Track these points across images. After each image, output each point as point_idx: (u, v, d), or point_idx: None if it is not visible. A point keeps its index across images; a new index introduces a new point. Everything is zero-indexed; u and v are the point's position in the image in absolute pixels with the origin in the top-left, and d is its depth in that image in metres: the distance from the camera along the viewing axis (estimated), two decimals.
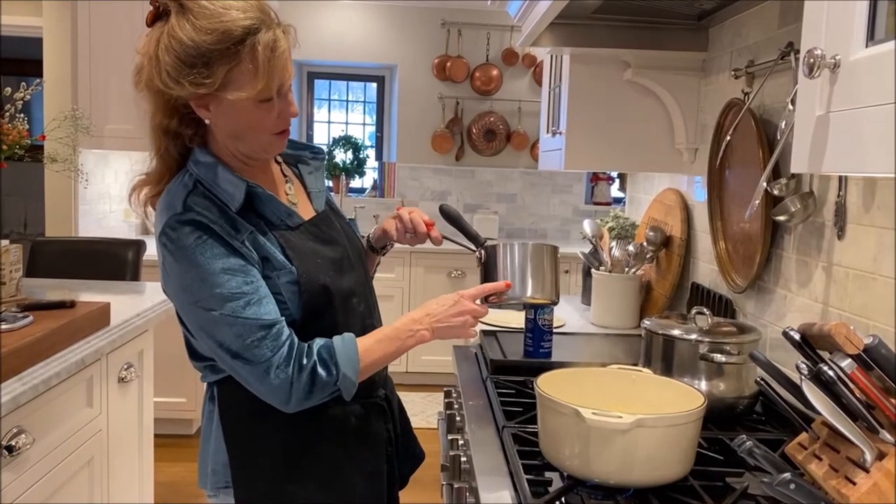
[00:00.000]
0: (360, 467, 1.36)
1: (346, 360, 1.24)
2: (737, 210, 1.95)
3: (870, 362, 0.97)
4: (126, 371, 2.21)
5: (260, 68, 1.17)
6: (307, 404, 1.24)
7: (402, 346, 1.30)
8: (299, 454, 1.31)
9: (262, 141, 1.26)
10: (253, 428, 1.30)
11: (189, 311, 1.23)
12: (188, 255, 1.19)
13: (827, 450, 1.04)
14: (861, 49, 0.80)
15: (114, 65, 3.91)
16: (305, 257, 1.28)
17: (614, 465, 1.15)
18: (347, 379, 1.23)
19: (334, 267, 1.32)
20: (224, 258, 1.19)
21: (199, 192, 1.23)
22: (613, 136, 2.42)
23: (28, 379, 1.62)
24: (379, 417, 1.41)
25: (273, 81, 1.19)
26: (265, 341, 1.19)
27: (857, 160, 0.80)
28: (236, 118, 1.22)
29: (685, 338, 1.55)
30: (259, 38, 1.17)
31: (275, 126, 1.25)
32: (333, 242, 1.36)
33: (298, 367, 1.21)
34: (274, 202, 1.28)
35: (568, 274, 4.75)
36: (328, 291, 1.29)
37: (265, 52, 1.17)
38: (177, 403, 3.93)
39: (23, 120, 2.15)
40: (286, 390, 1.20)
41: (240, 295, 1.19)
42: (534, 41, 2.19)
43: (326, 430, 1.32)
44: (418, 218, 1.51)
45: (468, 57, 5.39)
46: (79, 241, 3.50)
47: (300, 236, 1.30)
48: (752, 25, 1.95)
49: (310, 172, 1.44)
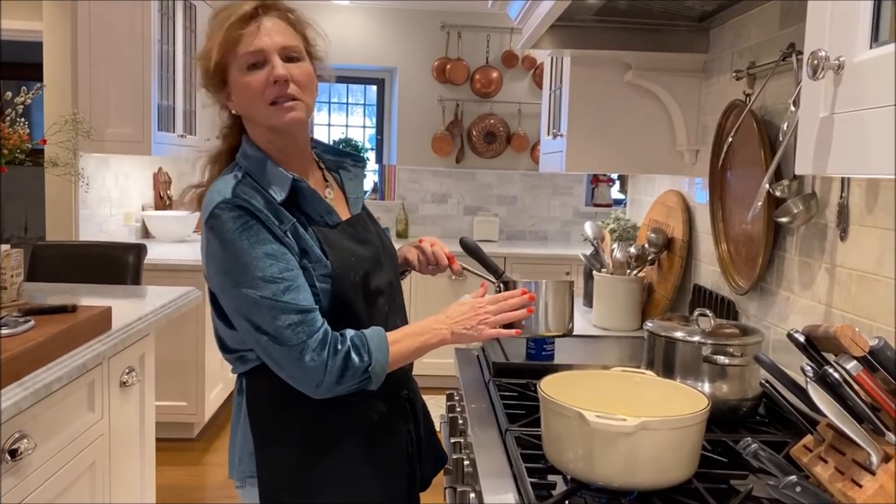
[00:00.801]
0: (380, 465, 1.39)
1: (377, 347, 1.28)
2: (738, 212, 1.95)
3: (875, 364, 0.96)
4: (127, 375, 2.20)
5: (219, 33, 1.29)
6: (337, 390, 1.27)
7: (424, 343, 1.34)
8: (321, 447, 1.35)
9: (260, 113, 1.32)
10: (277, 418, 1.35)
11: (229, 293, 1.28)
12: (233, 239, 1.26)
13: (832, 452, 1.04)
14: (865, 50, 0.80)
15: (114, 68, 3.91)
16: (340, 253, 1.34)
17: (618, 468, 1.15)
18: (378, 364, 1.28)
19: (366, 265, 1.38)
20: (267, 244, 1.26)
21: (248, 182, 1.31)
22: (614, 138, 2.42)
23: (30, 384, 1.62)
24: (401, 417, 1.45)
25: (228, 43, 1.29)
26: (301, 326, 1.24)
27: (861, 162, 0.79)
28: (240, 96, 1.33)
29: (688, 340, 1.55)
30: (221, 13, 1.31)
31: (267, 94, 1.30)
32: (367, 242, 1.42)
33: (333, 352, 1.25)
34: (316, 198, 1.36)
35: (569, 276, 4.75)
36: (357, 287, 1.35)
37: (224, 15, 1.30)
38: (178, 407, 3.93)
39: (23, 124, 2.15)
40: (320, 373, 1.24)
41: (279, 280, 1.24)
42: (534, 43, 2.19)
43: (349, 424, 1.36)
44: (440, 251, 1.59)
45: (468, 59, 5.39)
46: (79, 245, 3.50)
47: (337, 234, 1.37)
48: (752, 27, 1.95)
49: (350, 179, 1.51)
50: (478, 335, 1.37)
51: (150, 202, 4.86)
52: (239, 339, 1.34)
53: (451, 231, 5.55)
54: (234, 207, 1.26)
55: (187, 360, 3.92)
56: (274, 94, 1.30)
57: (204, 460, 3.80)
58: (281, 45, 1.30)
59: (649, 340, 1.65)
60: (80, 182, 3.42)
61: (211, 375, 4.07)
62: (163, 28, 4.08)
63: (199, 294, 2.72)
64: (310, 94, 1.36)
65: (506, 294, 1.44)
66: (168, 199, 5.03)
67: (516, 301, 1.41)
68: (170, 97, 4.22)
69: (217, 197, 1.29)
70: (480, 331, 1.37)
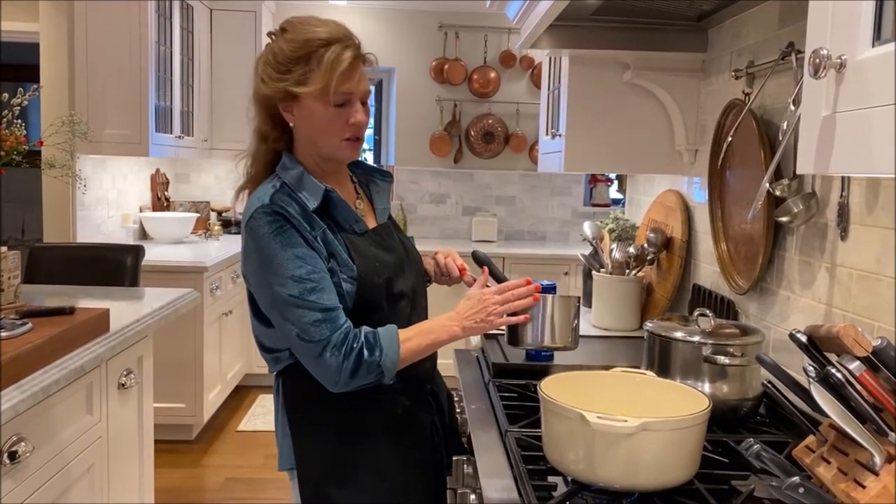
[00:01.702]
0: (407, 453, 1.50)
1: (388, 344, 1.38)
2: (738, 211, 1.95)
3: (878, 364, 0.96)
4: (126, 377, 2.19)
5: (324, 70, 1.38)
6: (353, 384, 1.37)
7: (435, 339, 1.43)
8: (352, 440, 1.46)
9: (332, 144, 1.45)
10: (311, 414, 1.47)
11: (264, 290, 1.40)
12: (269, 241, 1.37)
13: (835, 453, 1.04)
14: (867, 49, 0.79)
15: (111, 69, 3.90)
16: (365, 259, 1.44)
17: (619, 469, 1.14)
18: (389, 359, 1.36)
19: (389, 270, 1.48)
20: (298, 247, 1.37)
21: (285, 191, 1.43)
22: (613, 138, 2.41)
23: (27, 386, 1.61)
24: (424, 409, 1.55)
25: (333, 83, 1.38)
26: (324, 324, 1.35)
27: (864, 161, 0.79)
28: (311, 121, 1.43)
29: (688, 340, 1.54)
30: (331, 49, 1.39)
31: (344, 131, 1.43)
32: (391, 250, 1.53)
33: (349, 349, 1.35)
34: (345, 208, 1.47)
35: (568, 276, 4.75)
36: (381, 290, 1.45)
37: (331, 57, 1.39)
38: (177, 409, 3.92)
39: (20, 126, 2.14)
40: (336, 370, 1.35)
41: (306, 280, 1.36)
42: (533, 43, 2.19)
43: (377, 418, 1.47)
44: (452, 263, 1.65)
45: (466, 59, 5.39)
46: (77, 246, 3.49)
47: (364, 241, 1.48)
48: (751, 26, 1.95)
49: (377, 192, 1.63)
50: (488, 325, 1.46)
51: (147, 203, 4.85)
52: (274, 338, 1.45)
53: (450, 231, 5.55)
54: (271, 213, 1.38)
55: (186, 362, 3.91)
56: (350, 133, 1.44)
57: (202, 462, 3.79)
58: (365, 90, 1.46)
59: (649, 341, 1.64)
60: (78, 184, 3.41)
61: (209, 377, 4.06)
62: (160, 29, 4.07)
63: (198, 296, 2.71)
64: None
65: (510, 283, 1.51)
66: (166, 200, 5.02)
67: (522, 290, 1.49)
68: (167, 98, 4.21)
69: (257, 203, 1.41)
70: (490, 321, 1.45)
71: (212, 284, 4.02)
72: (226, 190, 5.41)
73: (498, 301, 1.47)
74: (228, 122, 4.95)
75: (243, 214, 1.44)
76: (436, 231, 5.50)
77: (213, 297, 4.05)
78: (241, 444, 4.01)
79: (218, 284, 4.13)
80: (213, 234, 4.94)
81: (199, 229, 4.94)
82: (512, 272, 4.83)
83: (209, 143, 4.94)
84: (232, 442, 4.05)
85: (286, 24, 1.47)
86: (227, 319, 4.34)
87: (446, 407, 1.65)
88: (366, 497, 1.45)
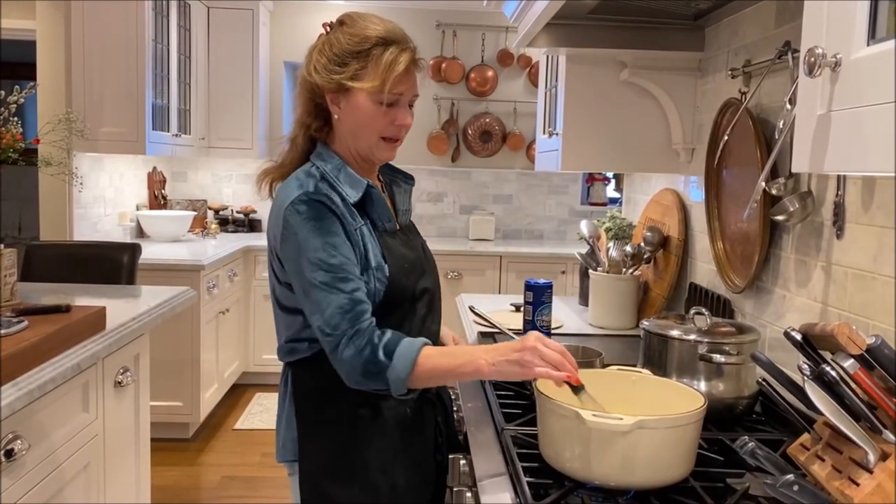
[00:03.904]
0: (411, 453, 1.48)
1: (401, 355, 1.32)
2: (734, 210, 1.95)
3: (872, 362, 0.96)
4: (122, 375, 2.19)
5: (381, 69, 1.39)
6: (365, 385, 1.35)
7: (458, 367, 1.34)
8: (358, 438, 1.44)
9: (372, 141, 1.46)
10: (320, 410, 1.46)
11: (298, 273, 1.38)
12: (310, 227, 1.37)
13: (829, 451, 1.04)
14: (862, 48, 0.79)
15: (108, 67, 3.90)
16: (397, 259, 1.46)
17: (615, 467, 1.15)
18: (395, 372, 1.31)
19: (413, 270, 1.50)
20: (335, 237, 1.37)
21: (327, 182, 1.43)
22: (610, 137, 2.42)
23: (23, 384, 1.61)
24: (431, 410, 1.54)
25: (388, 83, 1.39)
26: (347, 315, 1.33)
27: (859, 159, 0.79)
28: (357, 115, 1.44)
29: (684, 338, 1.54)
30: (388, 49, 1.41)
31: (386, 130, 1.45)
32: (414, 249, 1.55)
33: (363, 346, 1.33)
34: (383, 205, 1.49)
35: (565, 275, 4.75)
36: (407, 290, 1.46)
37: (388, 58, 1.40)
38: (174, 407, 3.92)
39: (16, 123, 2.14)
40: (351, 364, 1.33)
41: (338, 269, 1.35)
42: (530, 42, 2.19)
43: (384, 417, 1.45)
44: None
45: (463, 58, 5.38)
46: (74, 244, 3.48)
47: (395, 241, 1.49)
48: (748, 25, 1.95)
49: (400, 193, 1.64)
50: (521, 371, 1.28)
51: (144, 202, 4.85)
52: (294, 328, 1.45)
53: (447, 230, 5.55)
54: (314, 201, 1.38)
55: (183, 360, 3.91)
56: (391, 134, 1.47)
57: (199, 460, 3.79)
58: (415, 94, 1.48)
59: (645, 339, 1.65)
60: (74, 182, 3.41)
61: (206, 376, 4.06)
62: (157, 27, 4.07)
63: (194, 294, 2.71)
64: None
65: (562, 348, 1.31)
66: (163, 198, 5.01)
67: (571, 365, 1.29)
68: (164, 96, 4.21)
69: (298, 190, 1.40)
70: (527, 363, 1.27)
71: (209, 283, 4.02)
72: (223, 188, 5.40)
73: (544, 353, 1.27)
74: (226, 120, 4.95)
75: (279, 198, 1.43)
76: (433, 230, 5.50)
77: (210, 295, 4.05)
78: (238, 443, 4.01)
79: (215, 283, 4.12)
80: (211, 233, 4.94)
81: (197, 228, 4.94)
82: (509, 271, 4.83)
83: (206, 142, 4.93)
84: (229, 440, 4.05)
85: (345, 18, 1.47)
86: (224, 318, 4.33)
87: (450, 408, 1.65)
88: (366, 496, 1.44)
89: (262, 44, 5.02)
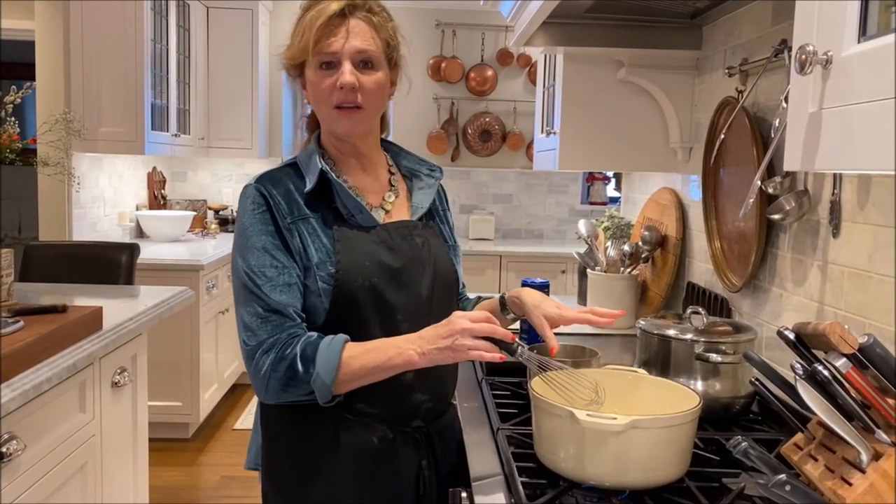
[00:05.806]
0: (378, 492, 1.33)
1: (323, 361, 1.21)
2: (731, 209, 1.94)
3: (865, 362, 0.96)
4: (119, 375, 2.19)
5: (303, 28, 1.29)
6: (283, 398, 1.25)
7: (387, 361, 1.22)
8: (319, 458, 1.32)
9: (327, 113, 1.33)
10: (282, 423, 1.34)
11: (232, 261, 1.33)
12: (244, 219, 1.31)
13: (823, 450, 1.03)
14: (853, 45, 0.79)
15: (107, 67, 3.90)
16: (352, 255, 1.30)
17: (609, 466, 1.14)
18: (319, 379, 1.21)
19: (386, 275, 1.31)
20: (266, 235, 1.28)
21: (285, 170, 1.35)
22: (608, 136, 2.41)
23: (19, 385, 1.61)
24: (409, 448, 1.36)
25: (311, 40, 1.26)
26: (267, 323, 1.24)
27: (850, 157, 0.79)
28: (309, 91, 1.34)
29: (681, 338, 1.54)
30: (313, 8, 1.29)
31: (333, 96, 1.29)
32: (398, 252, 1.34)
33: (279, 358, 1.23)
34: (346, 195, 1.33)
35: (565, 274, 4.75)
36: (366, 293, 1.29)
37: (310, 14, 1.29)
38: (172, 407, 3.92)
39: (13, 123, 2.14)
40: (265, 378, 1.24)
41: (261, 273, 1.26)
42: (526, 41, 2.18)
43: (349, 442, 1.32)
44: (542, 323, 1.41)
45: (463, 57, 5.38)
46: (72, 244, 3.48)
47: (361, 236, 1.32)
48: (745, 23, 1.95)
49: (420, 188, 1.47)
50: (453, 354, 1.19)
51: (144, 202, 4.85)
52: None
53: None
54: (254, 190, 1.31)
55: (182, 360, 3.91)
56: (339, 99, 1.29)
57: (198, 461, 3.79)
58: (356, 48, 1.28)
59: (642, 338, 1.64)
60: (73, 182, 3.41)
61: (205, 376, 4.06)
62: (156, 27, 4.07)
63: (193, 294, 2.71)
64: (377, 104, 1.34)
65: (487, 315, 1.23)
66: (162, 198, 5.01)
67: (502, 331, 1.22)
68: (163, 96, 4.21)
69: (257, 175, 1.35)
70: (459, 346, 1.18)
71: (208, 283, 4.02)
72: (223, 188, 5.40)
73: (469, 316, 1.21)
74: (225, 120, 4.94)
75: None
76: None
77: (209, 295, 4.05)
78: (238, 443, 4.01)
79: (214, 283, 4.12)
80: (210, 233, 4.94)
81: (196, 227, 4.94)
82: (509, 271, 4.83)
83: (206, 142, 4.93)
84: (228, 440, 4.05)
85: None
86: (223, 318, 4.33)
87: (452, 456, 1.44)
88: None
89: (261, 44, 5.02)
